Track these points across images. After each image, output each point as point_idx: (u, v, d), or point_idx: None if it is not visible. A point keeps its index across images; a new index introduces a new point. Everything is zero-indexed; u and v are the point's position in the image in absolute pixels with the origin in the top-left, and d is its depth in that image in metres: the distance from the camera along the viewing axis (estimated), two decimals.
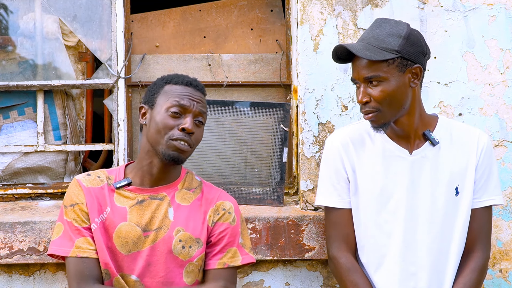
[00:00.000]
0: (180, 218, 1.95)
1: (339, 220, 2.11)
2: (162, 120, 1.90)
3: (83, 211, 1.93)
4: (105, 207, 1.94)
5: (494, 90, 2.47)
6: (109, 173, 2.02)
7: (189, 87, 1.97)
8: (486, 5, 2.47)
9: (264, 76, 2.90)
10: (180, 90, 1.95)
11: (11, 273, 2.44)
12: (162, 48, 2.96)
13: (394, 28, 1.95)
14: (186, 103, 1.92)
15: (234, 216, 2.02)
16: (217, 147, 2.57)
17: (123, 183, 1.96)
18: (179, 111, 1.91)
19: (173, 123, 1.90)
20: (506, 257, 2.48)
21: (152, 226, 1.92)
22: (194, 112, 1.93)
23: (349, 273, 2.06)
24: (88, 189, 1.96)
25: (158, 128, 1.90)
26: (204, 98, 2.01)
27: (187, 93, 1.94)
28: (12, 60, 2.76)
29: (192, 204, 1.98)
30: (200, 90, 2.00)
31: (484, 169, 2.07)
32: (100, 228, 1.92)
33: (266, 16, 2.96)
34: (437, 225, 2.04)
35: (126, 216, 1.93)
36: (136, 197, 1.95)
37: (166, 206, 1.95)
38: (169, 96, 1.94)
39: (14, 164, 2.74)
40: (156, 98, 1.96)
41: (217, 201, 2.01)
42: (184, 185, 2.01)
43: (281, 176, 2.56)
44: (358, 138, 2.12)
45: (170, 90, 1.96)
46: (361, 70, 1.96)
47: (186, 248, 1.92)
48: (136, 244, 1.91)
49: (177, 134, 1.89)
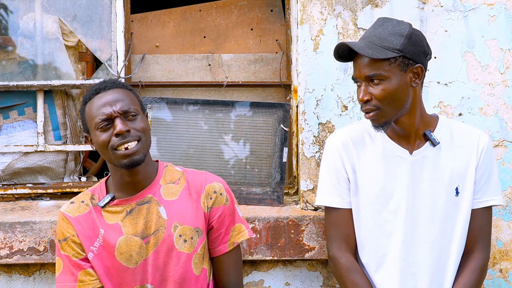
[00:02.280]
0: (173, 213, 1.93)
1: (339, 220, 2.11)
2: (98, 140, 1.87)
3: (76, 243, 1.93)
4: (98, 230, 1.93)
5: (494, 90, 2.47)
6: (92, 192, 2.00)
7: (102, 93, 1.89)
8: (486, 5, 2.47)
9: (264, 76, 2.90)
10: (95, 103, 1.88)
11: (11, 273, 2.44)
12: (162, 48, 2.96)
13: (396, 27, 1.95)
14: (105, 111, 1.85)
15: (226, 195, 2.00)
16: (217, 147, 2.57)
17: (106, 200, 1.94)
18: (105, 123, 1.85)
19: (107, 135, 1.85)
20: (506, 257, 2.48)
21: (150, 231, 1.91)
22: (118, 112, 1.85)
23: (349, 273, 2.06)
24: (76, 219, 1.94)
25: (101, 148, 1.88)
26: (123, 90, 1.91)
27: (101, 102, 1.87)
28: (12, 60, 2.76)
29: (180, 196, 1.97)
30: (112, 87, 1.91)
31: (484, 169, 2.07)
32: (100, 252, 1.92)
33: (266, 16, 2.97)
34: (437, 225, 2.04)
35: (121, 230, 1.91)
36: (124, 208, 1.93)
37: (156, 207, 1.93)
38: (90, 115, 1.89)
39: (14, 164, 2.74)
40: (86, 123, 1.92)
41: (205, 185, 1.98)
42: (166, 180, 1.99)
43: (281, 176, 2.56)
44: (359, 138, 2.12)
45: (89, 110, 1.90)
46: (362, 69, 1.96)
47: (188, 241, 1.92)
48: (140, 254, 1.90)
49: (115, 141, 1.84)
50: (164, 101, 2.61)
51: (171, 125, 2.61)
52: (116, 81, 1.96)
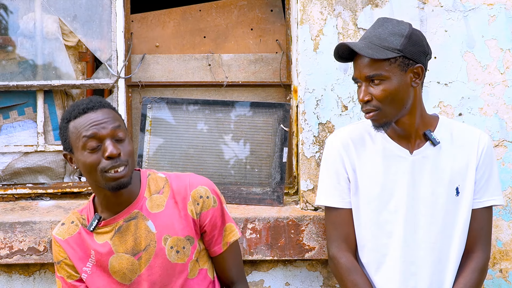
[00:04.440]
0: (161, 226, 1.90)
1: (340, 220, 2.11)
2: (85, 161, 1.81)
3: (69, 265, 1.94)
4: (89, 250, 1.92)
5: (494, 90, 2.47)
6: (81, 213, 1.97)
7: (89, 113, 1.82)
8: (486, 5, 2.47)
9: (264, 76, 2.90)
10: (83, 121, 1.81)
11: (11, 273, 2.44)
12: (162, 48, 2.96)
13: (396, 27, 1.95)
14: (95, 131, 1.79)
15: (213, 197, 1.95)
16: (217, 147, 2.57)
17: (94, 223, 1.91)
18: (95, 144, 1.79)
19: (97, 157, 1.80)
20: (506, 257, 2.48)
21: (140, 247, 1.89)
22: (109, 134, 1.80)
23: (349, 273, 2.06)
24: (66, 241, 1.94)
25: (88, 170, 1.82)
26: (110, 111, 1.86)
27: (90, 121, 1.81)
28: (12, 60, 2.76)
29: (166, 207, 1.92)
30: (100, 107, 1.84)
31: (484, 169, 2.07)
32: (94, 272, 1.92)
33: (266, 16, 2.97)
34: (437, 225, 2.04)
35: (111, 249, 1.90)
36: (113, 227, 1.91)
37: (143, 222, 1.90)
38: (76, 135, 1.82)
39: (14, 164, 2.74)
40: (69, 142, 1.85)
41: (190, 191, 1.93)
42: (151, 191, 1.94)
43: (281, 176, 2.56)
44: (359, 137, 2.12)
45: (74, 128, 1.82)
46: (362, 69, 1.96)
47: (180, 251, 1.90)
48: (133, 271, 1.89)
49: (107, 164, 1.79)
50: (164, 101, 2.61)
51: (171, 125, 2.61)
52: (102, 100, 1.88)
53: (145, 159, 2.56)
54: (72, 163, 1.89)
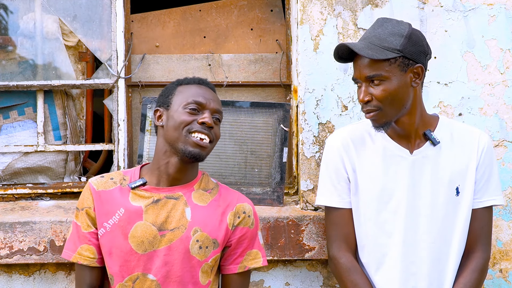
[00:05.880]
0: (197, 218, 1.94)
1: (339, 220, 2.11)
2: (180, 116, 1.91)
3: (90, 216, 1.96)
4: (118, 208, 1.94)
5: (494, 90, 2.48)
6: (124, 174, 2.02)
7: (203, 86, 2.01)
8: (486, 5, 2.48)
9: (264, 76, 2.90)
10: (195, 89, 1.98)
11: (11, 273, 2.44)
12: (162, 48, 2.96)
13: (396, 27, 1.95)
14: (202, 101, 1.94)
15: (253, 219, 2.03)
16: (217, 147, 2.57)
17: (138, 183, 1.96)
18: (196, 108, 1.93)
19: (191, 118, 1.91)
20: (506, 257, 2.48)
21: (168, 226, 1.92)
22: (211, 109, 1.95)
23: (349, 273, 2.06)
24: (98, 193, 1.97)
25: (177, 125, 1.91)
26: (218, 97, 2.02)
27: (202, 92, 1.97)
28: (12, 60, 2.76)
29: (209, 205, 1.98)
30: (212, 89, 2.03)
31: (485, 169, 2.07)
32: (112, 231, 1.93)
33: (266, 16, 2.97)
34: (437, 225, 2.04)
35: (141, 215, 1.92)
36: (152, 196, 1.95)
37: (182, 206, 1.95)
38: (184, 95, 1.96)
39: (14, 164, 2.74)
40: (171, 99, 1.97)
41: (237, 203, 2.01)
42: (201, 186, 2.01)
43: (281, 176, 2.56)
44: (359, 137, 2.12)
45: (184, 90, 1.98)
46: (362, 69, 1.96)
47: (203, 249, 1.92)
48: (152, 243, 1.91)
49: (196, 127, 1.90)
50: None
51: None
52: (214, 87, 2.05)
53: (145, 159, 2.56)
54: (159, 119, 1.98)
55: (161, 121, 1.97)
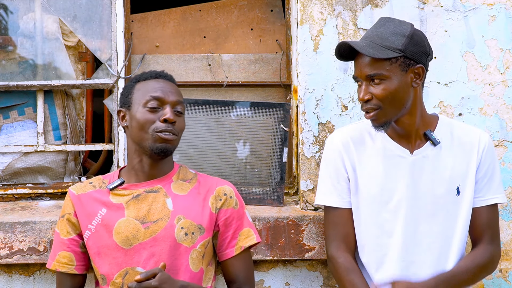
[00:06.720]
0: (179, 206, 1.96)
1: (339, 219, 2.11)
2: (142, 116, 1.92)
3: (71, 222, 2.00)
4: (99, 208, 1.97)
5: (494, 90, 2.47)
6: (103, 178, 2.06)
7: (160, 79, 2.00)
8: (486, 5, 2.48)
9: (264, 76, 2.90)
10: (152, 84, 1.98)
11: (11, 273, 2.44)
12: (162, 48, 2.96)
13: (398, 27, 1.95)
14: (161, 95, 1.94)
15: (236, 199, 2.04)
16: (217, 147, 2.57)
17: (116, 183, 2.00)
18: (156, 105, 1.93)
19: (154, 117, 1.92)
20: (506, 257, 2.48)
21: (151, 218, 1.94)
22: (171, 102, 1.95)
23: (348, 273, 2.06)
24: (78, 197, 2.01)
25: (140, 125, 1.92)
26: (177, 88, 2.02)
27: (159, 86, 1.97)
28: (12, 60, 2.76)
29: (189, 193, 2.00)
30: (171, 80, 2.03)
31: (487, 168, 2.07)
32: (98, 231, 1.95)
33: (266, 16, 2.97)
34: (438, 225, 2.04)
35: (123, 212, 1.95)
36: (131, 193, 1.98)
37: (163, 197, 1.97)
38: (142, 92, 1.96)
39: (14, 164, 2.74)
40: (131, 98, 1.98)
41: (216, 187, 2.03)
42: (179, 177, 2.04)
43: (281, 176, 2.56)
44: (359, 137, 2.12)
45: (141, 87, 1.98)
46: (363, 68, 1.96)
47: (189, 235, 1.94)
48: (136, 237, 1.92)
49: (161, 126, 1.91)
50: None
51: None
52: (172, 76, 2.05)
53: None
54: (123, 120, 1.99)
55: (125, 122, 1.99)
